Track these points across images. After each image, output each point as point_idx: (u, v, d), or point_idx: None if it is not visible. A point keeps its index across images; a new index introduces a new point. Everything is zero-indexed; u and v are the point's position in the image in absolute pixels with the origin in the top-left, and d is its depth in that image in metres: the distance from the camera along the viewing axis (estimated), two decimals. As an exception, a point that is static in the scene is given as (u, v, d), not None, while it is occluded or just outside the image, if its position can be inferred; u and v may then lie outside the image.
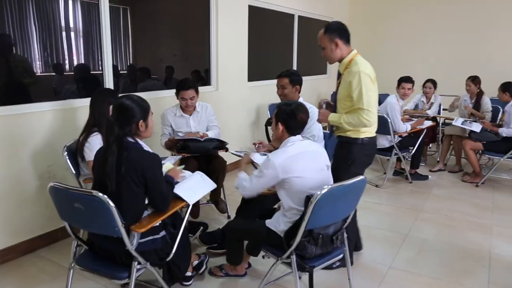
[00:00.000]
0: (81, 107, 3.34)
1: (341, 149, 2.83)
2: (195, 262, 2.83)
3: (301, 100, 3.29)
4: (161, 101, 4.01)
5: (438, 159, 5.73)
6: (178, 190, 2.32)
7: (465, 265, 3.10)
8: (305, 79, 3.38)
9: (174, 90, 3.57)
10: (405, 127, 4.78)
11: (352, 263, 2.97)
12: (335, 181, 2.67)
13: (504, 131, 4.78)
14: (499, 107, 5.65)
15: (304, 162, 2.24)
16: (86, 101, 3.06)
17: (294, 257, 2.18)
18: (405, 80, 4.91)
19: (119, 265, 2.14)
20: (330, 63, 2.75)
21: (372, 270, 3.00)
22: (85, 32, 3.74)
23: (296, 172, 2.20)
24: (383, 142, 4.80)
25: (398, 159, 5.18)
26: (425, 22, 7.81)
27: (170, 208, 2.21)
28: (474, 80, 5.51)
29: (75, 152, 2.87)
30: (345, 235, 2.40)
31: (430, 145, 6.27)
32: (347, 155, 2.75)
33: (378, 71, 2.74)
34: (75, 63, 3.81)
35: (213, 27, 4.78)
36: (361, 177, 2.21)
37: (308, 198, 2.06)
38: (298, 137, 2.35)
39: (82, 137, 2.82)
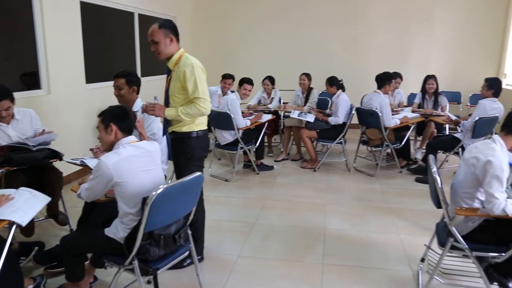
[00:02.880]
0: None
1: (177, 145, 2.85)
2: (30, 287, 2.53)
3: (138, 101, 3.21)
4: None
5: (282, 150, 6.20)
6: (4, 214, 2.06)
7: (305, 243, 3.41)
8: (149, 79, 3.30)
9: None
10: (244, 123, 5.03)
11: (202, 258, 3.03)
12: (178, 177, 2.68)
13: (332, 120, 5.41)
14: (328, 99, 6.37)
15: (138, 163, 2.17)
16: None
17: (136, 262, 2.11)
18: (247, 81, 5.18)
19: None
20: (160, 58, 2.75)
21: (222, 262, 3.08)
22: None
23: (130, 174, 2.12)
24: (228, 137, 4.99)
25: (245, 152, 5.44)
26: (264, 21, 8.34)
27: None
28: (308, 75, 6.10)
29: None
30: (189, 232, 2.42)
31: (275, 137, 6.73)
32: (185, 150, 2.80)
33: (220, 69, 2.84)
34: None
35: (38, 23, 4.30)
36: (197, 173, 2.25)
37: (144, 200, 2.01)
38: (132, 137, 2.28)
39: None
